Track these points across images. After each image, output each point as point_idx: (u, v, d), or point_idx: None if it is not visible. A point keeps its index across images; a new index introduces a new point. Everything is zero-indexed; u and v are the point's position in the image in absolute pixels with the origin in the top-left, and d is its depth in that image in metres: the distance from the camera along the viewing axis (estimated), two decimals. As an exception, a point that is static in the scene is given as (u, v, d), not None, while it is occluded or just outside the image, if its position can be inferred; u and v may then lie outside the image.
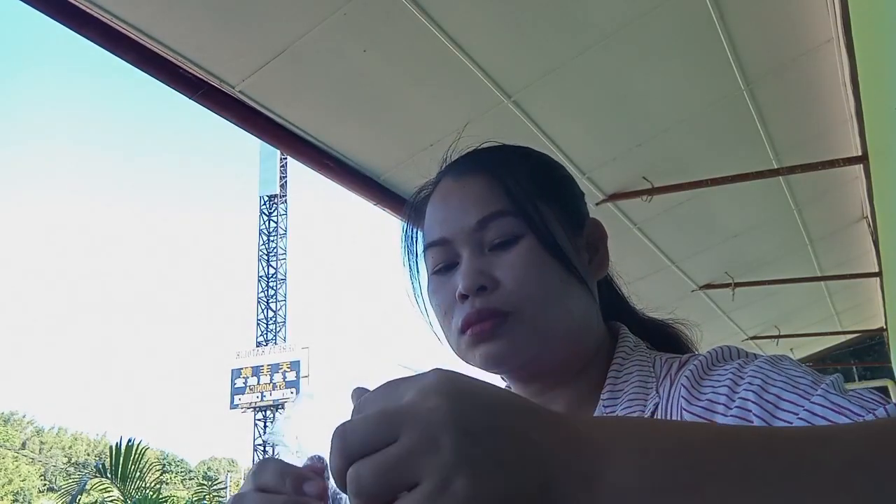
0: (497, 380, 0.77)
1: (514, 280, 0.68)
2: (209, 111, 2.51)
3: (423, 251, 0.76)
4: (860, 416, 0.48)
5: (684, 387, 0.63)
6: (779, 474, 0.36)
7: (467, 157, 0.78)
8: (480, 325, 0.68)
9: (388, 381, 0.39)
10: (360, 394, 0.42)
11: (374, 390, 0.39)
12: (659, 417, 0.64)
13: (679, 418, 0.61)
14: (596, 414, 0.69)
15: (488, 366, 0.69)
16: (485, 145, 0.80)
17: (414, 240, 0.80)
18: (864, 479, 0.36)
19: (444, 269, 0.73)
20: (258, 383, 26.15)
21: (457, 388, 0.36)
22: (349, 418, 0.38)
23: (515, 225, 0.69)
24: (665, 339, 0.81)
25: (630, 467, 0.35)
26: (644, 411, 0.66)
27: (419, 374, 0.38)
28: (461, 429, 0.34)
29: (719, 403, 0.58)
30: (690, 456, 0.36)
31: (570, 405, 0.72)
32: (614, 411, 0.68)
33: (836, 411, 0.49)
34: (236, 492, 0.50)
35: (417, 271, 0.79)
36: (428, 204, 0.77)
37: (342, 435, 0.36)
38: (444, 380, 0.37)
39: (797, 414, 0.51)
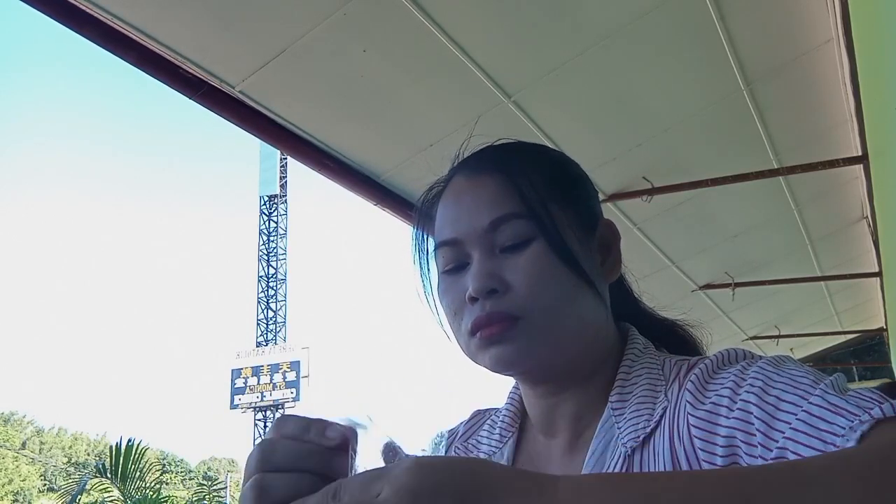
0: (507, 381, 0.77)
1: (525, 284, 0.67)
2: (209, 111, 2.51)
3: (434, 249, 0.75)
4: (856, 415, 0.48)
5: (689, 391, 0.63)
6: None
7: (480, 155, 0.76)
8: (490, 328, 0.67)
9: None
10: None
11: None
12: (667, 422, 0.64)
13: (685, 422, 0.61)
14: (604, 416, 0.69)
15: (498, 368, 0.69)
16: (499, 142, 0.78)
17: (425, 237, 0.78)
18: None
19: (454, 268, 0.71)
20: (258, 383, 26.19)
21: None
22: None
23: (527, 227, 0.68)
24: (675, 339, 0.81)
25: None
26: (653, 415, 0.66)
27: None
28: None
29: (722, 406, 0.58)
30: None
31: (580, 408, 0.72)
32: (622, 414, 0.68)
33: (833, 411, 0.50)
34: (263, 439, 0.49)
35: (428, 269, 0.78)
36: (439, 202, 0.75)
37: None
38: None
39: (796, 414, 0.52)
